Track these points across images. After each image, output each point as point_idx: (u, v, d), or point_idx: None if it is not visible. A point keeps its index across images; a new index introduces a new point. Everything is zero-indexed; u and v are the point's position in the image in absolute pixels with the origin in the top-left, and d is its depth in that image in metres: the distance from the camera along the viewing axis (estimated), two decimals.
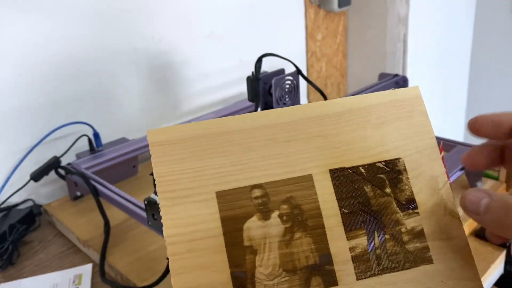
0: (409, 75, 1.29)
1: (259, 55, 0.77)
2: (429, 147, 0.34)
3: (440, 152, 0.35)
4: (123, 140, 0.89)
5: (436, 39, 1.54)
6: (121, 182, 0.87)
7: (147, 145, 0.88)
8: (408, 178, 0.33)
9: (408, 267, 0.31)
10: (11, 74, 0.80)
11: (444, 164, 0.34)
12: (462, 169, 0.73)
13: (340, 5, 1.31)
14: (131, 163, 0.89)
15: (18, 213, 0.77)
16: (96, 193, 0.71)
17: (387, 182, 0.33)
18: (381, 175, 0.33)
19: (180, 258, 0.30)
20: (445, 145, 0.84)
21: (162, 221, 0.31)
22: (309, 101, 1.37)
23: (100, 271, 0.63)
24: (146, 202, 0.53)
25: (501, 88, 1.79)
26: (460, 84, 1.80)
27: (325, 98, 0.74)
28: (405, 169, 0.34)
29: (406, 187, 0.33)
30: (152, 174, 0.53)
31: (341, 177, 0.33)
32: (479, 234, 0.69)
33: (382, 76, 0.96)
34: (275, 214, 0.31)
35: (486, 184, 0.77)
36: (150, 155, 0.32)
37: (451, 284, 0.31)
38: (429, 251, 0.32)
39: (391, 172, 0.33)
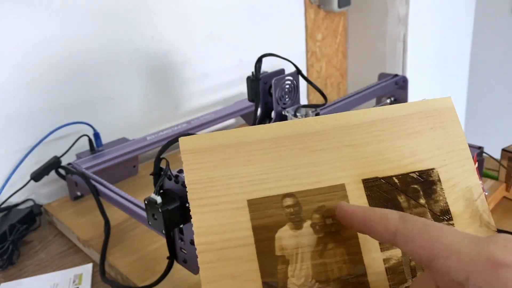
0: (409, 75, 1.29)
1: (259, 55, 0.77)
2: (464, 157, 0.34)
3: (474, 163, 0.34)
4: (123, 140, 0.89)
5: (436, 39, 1.54)
6: (121, 182, 0.87)
7: (147, 145, 0.88)
8: (442, 189, 0.33)
9: None
10: (11, 74, 0.80)
11: (478, 175, 0.34)
12: None
13: (340, 5, 1.31)
14: (131, 163, 0.89)
15: (18, 213, 0.77)
16: (96, 193, 0.71)
17: (421, 192, 0.33)
18: (415, 186, 0.33)
19: (211, 266, 0.29)
20: None
21: (193, 229, 0.30)
22: (308, 102, 1.37)
23: (100, 271, 0.63)
24: (146, 202, 0.53)
25: (501, 88, 1.79)
26: (460, 84, 1.80)
27: (325, 98, 0.75)
28: (439, 180, 0.33)
29: (441, 197, 0.33)
30: (152, 174, 0.53)
31: (374, 187, 0.32)
32: None
33: (382, 76, 0.96)
34: (307, 223, 0.31)
35: (486, 184, 0.77)
36: (181, 161, 0.31)
37: None
38: None
39: (425, 182, 0.33)
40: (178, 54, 1.03)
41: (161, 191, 0.53)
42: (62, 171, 0.82)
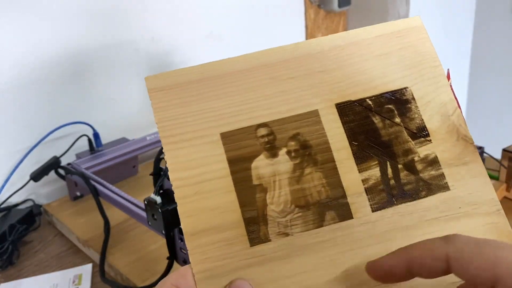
0: None
1: None
2: (436, 74, 0.34)
3: (448, 79, 0.34)
4: (123, 140, 0.89)
5: (436, 39, 1.54)
6: (121, 182, 0.87)
7: (147, 145, 0.88)
8: (417, 106, 0.33)
9: (424, 196, 0.31)
10: (11, 74, 0.80)
11: (452, 91, 0.34)
12: None
13: (340, 5, 1.31)
14: (131, 163, 0.89)
15: (18, 213, 0.77)
16: (96, 193, 0.71)
17: (395, 112, 0.32)
18: (389, 106, 0.33)
19: (188, 201, 0.29)
20: None
21: (167, 165, 0.30)
22: None
23: (100, 271, 0.63)
24: (146, 202, 0.53)
25: (501, 88, 1.79)
26: (460, 84, 1.80)
27: None
28: (413, 98, 0.33)
29: (416, 115, 0.33)
30: (151, 174, 0.53)
31: (348, 111, 0.32)
32: None
33: None
34: (282, 151, 0.31)
35: None
36: (153, 107, 0.31)
37: (470, 210, 0.31)
38: (444, 178, 0.31)
39: (399, 101, 0.33)
40: (178, 54, 1.03)
41: (161, 191, 0.53)
42: (61, 171, 0.81)
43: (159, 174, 0.52)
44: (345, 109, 0.32)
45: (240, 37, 1.15)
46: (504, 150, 0.75)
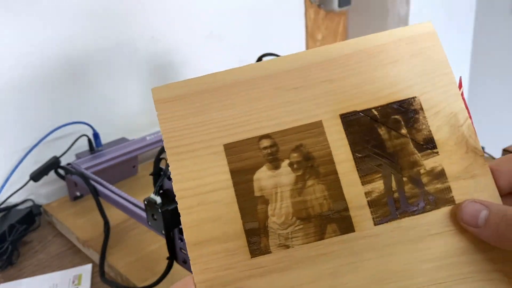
0: None
1: (259, 55, 0.77)
2: (447, 82, 0.33)
3: (459, 88, 0.33)
4: (123, 140, 0.89)
5: None
6: (121, 182, 0.87)
7: (147, 145, 0.88)
8: (425, 117, 0.32)
9: (429, 210, 0.30)
10: (12, 74, 0.80)
11: (464, 100, 0.33)
12: None
13: (340, 5, 1.30)
14: (131, 163, 0.89)
15: (17, 213, 0.77)
16: (96, 193, 0.71)
17: (402, 122, 0.32)
18: (396, 116, 0.32)
19: (191, 212, 0.30)
20: None
21: (171, 176, 0.30)
22: None
23: (100, 271, 0.63)
24: (146, 202, 0.53)
25: (502, 88, 1.79)
26: None
27: None
28: (421, 108, 0.32)
29: (424, 126, 0.32)
30: (151, 174, 0.53)
31: (353, 121, 0.31)
32: None
33: None
34: (285, 163, 0.31)
35: None
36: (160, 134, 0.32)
37: None
38: (451, 191, 0.30)
39: (406, 112, 0.32)
40: (178, 54, 1.03)
41: (161, 191, 0.52)
42: (61, 171, 0.81)
43: (159, 174, 0.52)
44: (349, 120, 0.32)
45: (240, 37, 1.14)
46: (504, 150, 0.75)
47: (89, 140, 0.84)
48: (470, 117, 0.32)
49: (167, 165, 0.51)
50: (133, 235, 0.69)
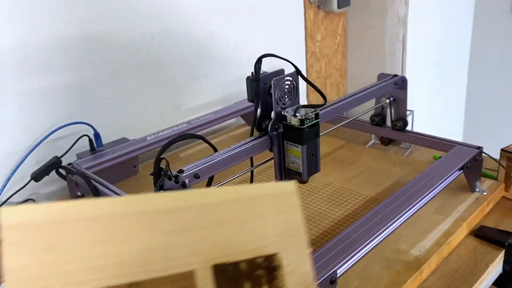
0: (408, 75, 1.29)
1: (259, 55, 0.77)
2: (300, 243, 0.35)
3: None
4: (123, 140, 0.90)
5: (435, 40, 1.55)
6: (121, 182, 0.87)
7: (147, 145, 0.88)
8: (283, 274, 0.33)
9: None
10: (12, 74, 0.80)
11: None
12: (461, 169, 0.73)
13: (339, 6, 1.31)
14: (132, 163, 0.89)
15: None
16: (96, 193, 0.71)
17: (265, 278, 0.33)
18: (261, 271, 0.33)
19: None
20: (444, 145, 0.84)
21: None
22: (308, 102, 1.37)
23: None
24: None
25: (500, 88, 1.79)
26: (459, 84, 1.81)
27: (325, 98, 0.75)
28: (280, 265, 0.33)
29: (281, 283, 0.33)
30: (152, 174, 0.54)
31: (223, 274, 0.31)
32: (478, 234, 0.69)
33: (381, 76, 0.96)
34: None
35: (485, 184, 0.77)
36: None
37: None
38: None
39: (269, 267, 0.33)
40: (178, 54, 1.03)
41: (161, 191, 0.53)
42: (62, 171, 0.82)
43: (160, 174, 0.53)
44: (220, 272, 0.31)
45: (240, 37, 1.15)
46: (502, 150, 0.76)
47: (90, 140, 0.84)
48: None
49: (167, 165, 0.51)
50: None
